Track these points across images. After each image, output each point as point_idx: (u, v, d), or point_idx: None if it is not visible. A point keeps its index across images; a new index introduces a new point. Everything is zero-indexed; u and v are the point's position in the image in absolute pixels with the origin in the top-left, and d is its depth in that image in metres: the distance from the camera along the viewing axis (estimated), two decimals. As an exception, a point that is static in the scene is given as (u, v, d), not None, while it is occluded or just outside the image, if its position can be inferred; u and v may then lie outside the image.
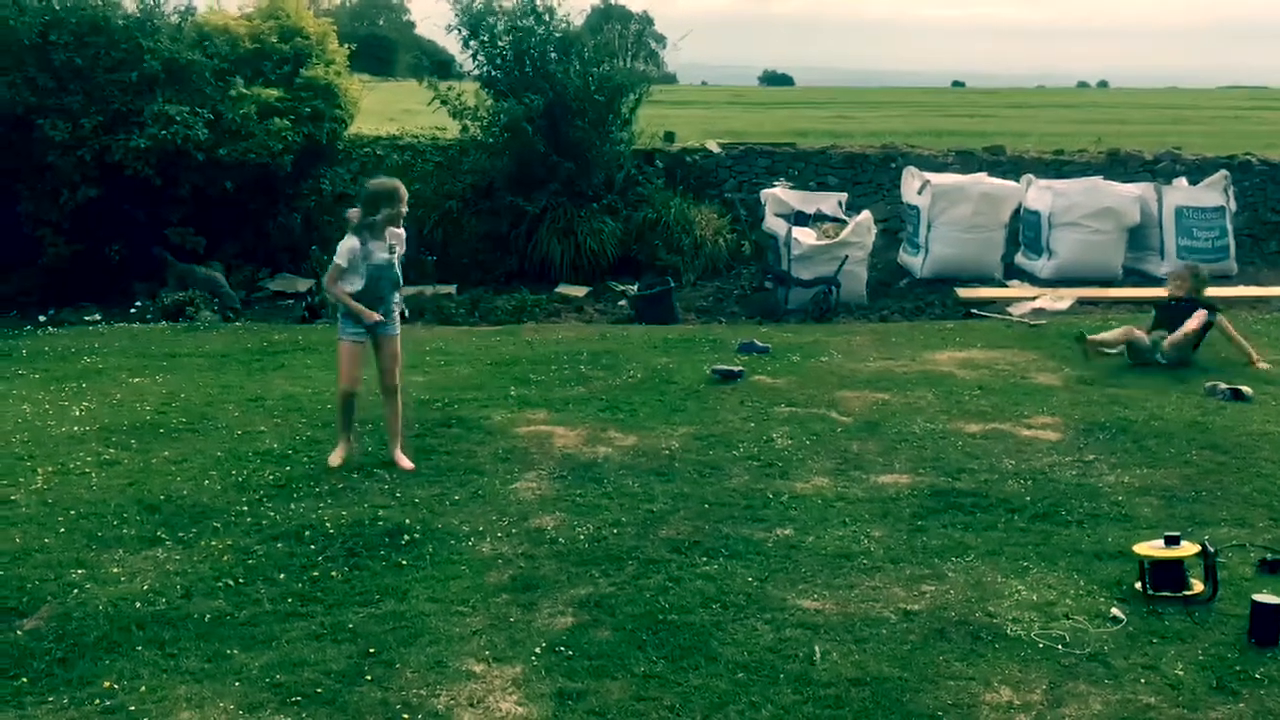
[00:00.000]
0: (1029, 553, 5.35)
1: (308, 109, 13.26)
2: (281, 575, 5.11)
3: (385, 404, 6.70)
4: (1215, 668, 4.27)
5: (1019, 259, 13.22)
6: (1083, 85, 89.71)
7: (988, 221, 12.70)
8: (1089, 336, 9.14)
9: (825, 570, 5.16)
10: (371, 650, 4.41)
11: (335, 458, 6.64)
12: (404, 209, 6.45)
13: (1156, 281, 12.65)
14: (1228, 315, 9.34)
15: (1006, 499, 6.03)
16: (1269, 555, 5.17)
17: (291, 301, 12.85)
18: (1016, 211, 13.09)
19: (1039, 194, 13.10)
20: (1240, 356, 8.98)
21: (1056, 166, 14.68)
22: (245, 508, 5.96)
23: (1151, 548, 4.92)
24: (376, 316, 6.45)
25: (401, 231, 6.51)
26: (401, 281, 6.63)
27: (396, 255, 6.49)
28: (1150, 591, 4.82)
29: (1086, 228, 12.65)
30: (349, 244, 6.37)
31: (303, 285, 13.10)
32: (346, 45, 14.47)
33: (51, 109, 12.23)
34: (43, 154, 12.30)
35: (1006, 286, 12.60)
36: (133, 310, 12.17)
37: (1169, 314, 9.25)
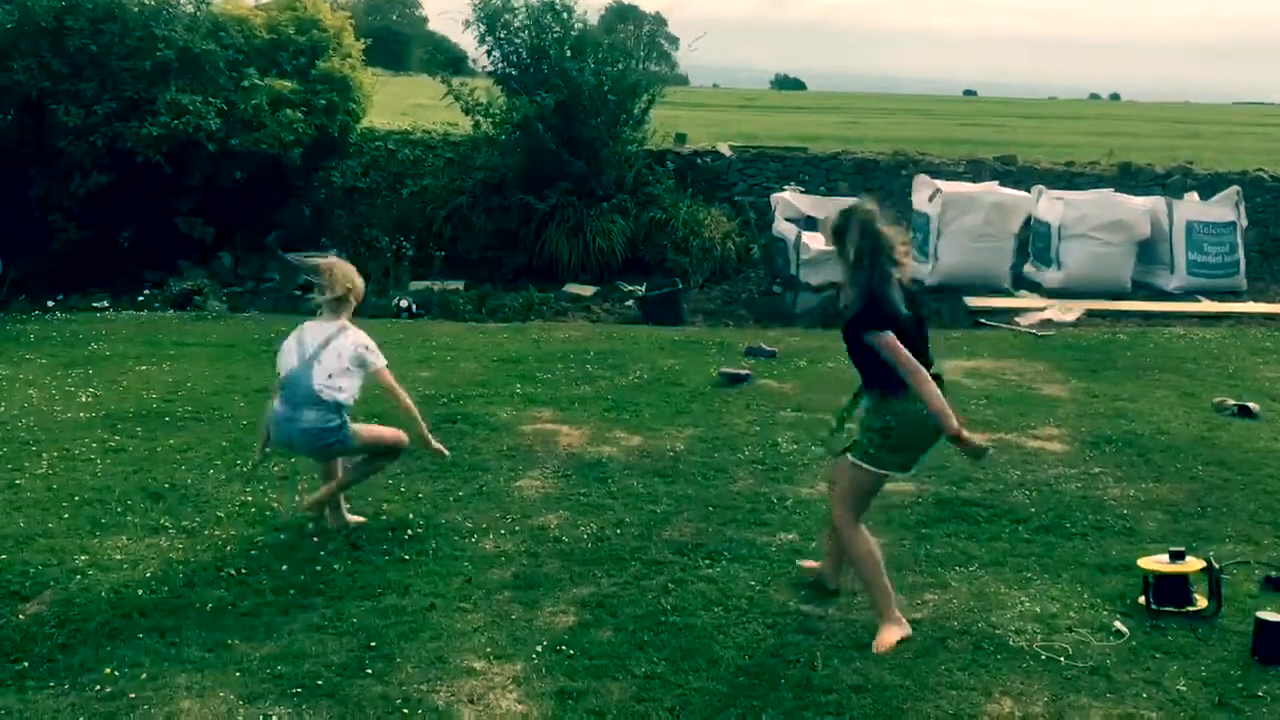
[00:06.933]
0: (1032, 564, 5.33)
1: (322, 101, 13.28)
2: (284, 566, 5.11)
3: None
4: (1218, 684, 4.26)
5: (1028, 269, 13.19)
6: (1095, 98, 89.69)
7: (997, 231, 12.67)
8: None
9: (828, 576, 5.14)
10: (372, 644, 4.41)
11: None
12: (341, 292, 5.30)
13: (1166, 295, 12.64)
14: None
15: (1011, 509, 6.02)
16: (1274, 572, 5.16)
17: (299, 293, 12.85)
18: (1026, 222, 13.06)
19: (1050, 205, 13.07)
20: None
21: (1067, 178, 14.64)
22: (249, 498, 5.96)
23: (1156, 562, 4.90)
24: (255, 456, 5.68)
25: (347, 333, 5.29)
26: (316, 422, 5.27)
27: (344, 364, 5.25)
28: (1154, 606, 4.80)
29: (1096, 240, 12.61)
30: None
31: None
32: (362, 40, 14.51)
33: (65, 94, 12.26)
34: (55, 139, 12.34)
35: (1015, 296, 12.57)
36: (141, 298, 12.19)
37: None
